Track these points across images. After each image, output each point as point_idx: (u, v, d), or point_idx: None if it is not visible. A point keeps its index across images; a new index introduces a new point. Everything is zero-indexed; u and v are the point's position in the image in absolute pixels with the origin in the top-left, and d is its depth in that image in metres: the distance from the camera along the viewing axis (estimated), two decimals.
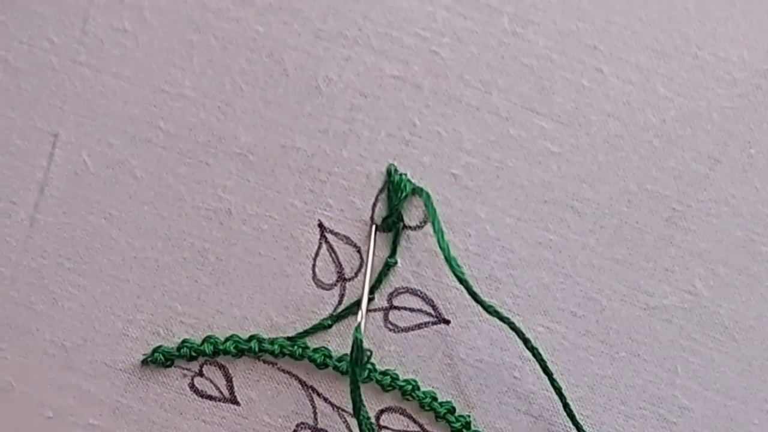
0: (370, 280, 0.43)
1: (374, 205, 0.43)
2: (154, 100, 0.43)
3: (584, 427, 0.44)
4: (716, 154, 0.42)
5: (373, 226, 0.43)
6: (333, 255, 0.44)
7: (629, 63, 0.42)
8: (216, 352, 0.44)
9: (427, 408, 0.44)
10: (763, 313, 0.43)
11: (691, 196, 0.42)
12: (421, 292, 0.44)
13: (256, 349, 0.44)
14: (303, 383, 0.45)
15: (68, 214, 0.44)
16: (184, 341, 0.45)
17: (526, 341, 0.42)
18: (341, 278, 0.44)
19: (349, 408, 0.45)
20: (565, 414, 0.43)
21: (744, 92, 0.42)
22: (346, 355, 0.44)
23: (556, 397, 0.43)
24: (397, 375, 0.44)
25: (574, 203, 0.43)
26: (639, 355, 0.43)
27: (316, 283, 0.44)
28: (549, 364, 0.43)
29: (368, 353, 0.43)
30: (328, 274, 0.44)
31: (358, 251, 0.44)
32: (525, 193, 0.43)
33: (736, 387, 0.43)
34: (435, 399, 0.44)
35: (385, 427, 0.45)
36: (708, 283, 0.43)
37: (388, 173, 0.43)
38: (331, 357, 0.44)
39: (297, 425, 0.45)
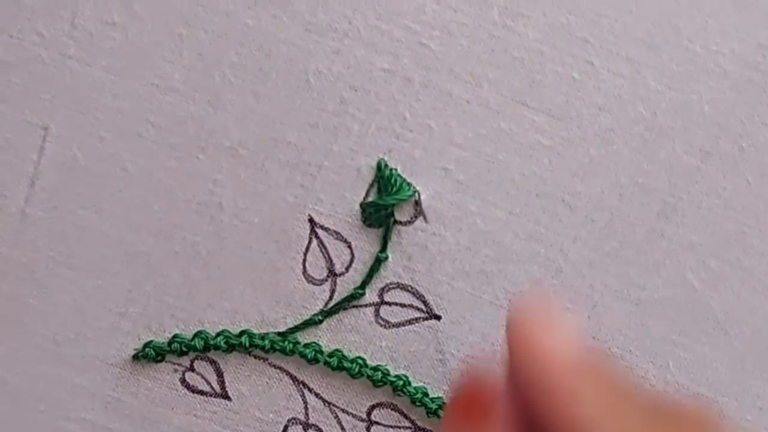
0: None
1: (365, 199, 0.43)
2: (144, 93, 0.43)
3: None
4: (708, 147, 0.42)
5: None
6: (323, 250, 0.44)
7: (620, 56, 0.42)
8: (207, 347, 0.44)
9: (418, 403, 0.44)
10: (756, 307, 0.43)
11: (682, 189, 0.42)
12: (412, 288, 0.44)
13: (247, 344, 0.44)
14: (294, 378, 0.45)
15: (59, 208, 0.44)
16: (175, 336, 0.45)
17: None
18: (332, 273, 0.44)
19: (340, 403, 0.45)
20: None
21: (735, 85, 0.41)
22: (336, 350, 0.44)
23: None
24: (388, 370, 0.44)
25: (566, 197, 0.43)
26: (631, 350, 0.43)
27: (306, 278, 0.44)
28: None
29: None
30: (318, 270, 0.44)
31: (349, 246, 0.44)
32: (516, 186, 0.43)
33: (729, 383, 0.43)
34: (426, 394, 0.44)
35: (377, 423, 0.45)
36: (700, 277, 0.43)
37: (379, 168, 0.43)
38: (321, 352, 0.44)
39: (288, 420, 0.45)
